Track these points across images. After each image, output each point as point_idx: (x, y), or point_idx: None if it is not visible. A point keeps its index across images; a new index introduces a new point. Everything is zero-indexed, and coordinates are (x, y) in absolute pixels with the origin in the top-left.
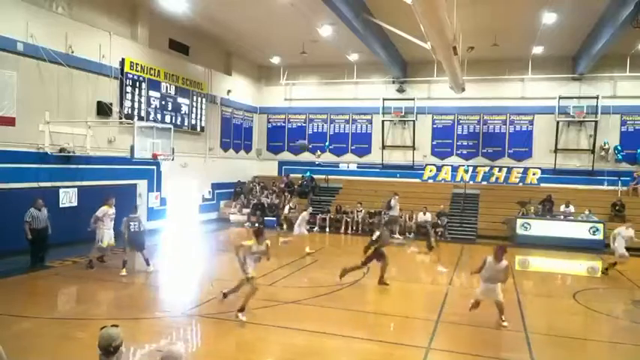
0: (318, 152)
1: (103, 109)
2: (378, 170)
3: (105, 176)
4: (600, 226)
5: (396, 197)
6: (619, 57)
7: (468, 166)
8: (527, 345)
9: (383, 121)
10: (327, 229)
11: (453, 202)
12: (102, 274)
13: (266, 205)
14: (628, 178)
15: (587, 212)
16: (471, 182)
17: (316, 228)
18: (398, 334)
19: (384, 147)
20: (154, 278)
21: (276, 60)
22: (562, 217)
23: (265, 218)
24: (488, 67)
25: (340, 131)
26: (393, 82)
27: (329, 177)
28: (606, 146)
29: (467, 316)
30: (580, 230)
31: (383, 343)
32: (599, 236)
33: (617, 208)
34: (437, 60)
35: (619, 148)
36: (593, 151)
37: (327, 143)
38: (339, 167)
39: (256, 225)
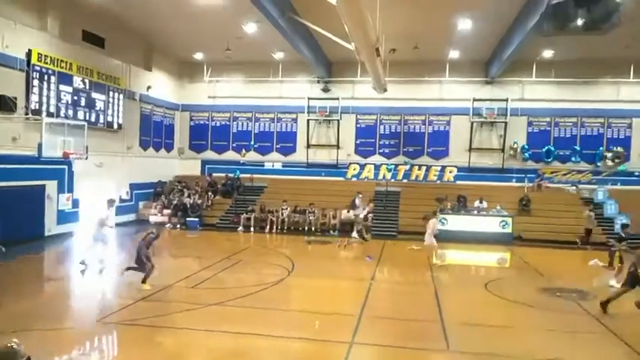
0: (243, 151)
1: (5, 104)
2: (303, 169)
3: (8, 177)
4: (509, 220)
5: (360, 196)
6: (527, 63)
7: (389, 164)
8: (443, 334)
9: (308, 120)
10: (252, 229)
11: (375, 200)
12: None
13: (188, 206)
14: (533, 176)
15: (498, 207)
16: (393, 180)
17: (240, 228)
18: (323, 331)
19: (309, 146)
20: (64, 286)
21: (199, 56)
22: (476, 212)
23: (187, 219)
24: (409, 69)
25: (265, 130)
26: (318, 82)
27: (254, 176)
28: (515, 146)
29: (389, 309)
30: (492, 224)
31: (308, 340)
32: (509, 229)
33: (524, 203)
34: (360, 61)
35: (526, 147)
36: (503, 150)
37: (252, 142)
38: (264, 166)
39: (177, 226)
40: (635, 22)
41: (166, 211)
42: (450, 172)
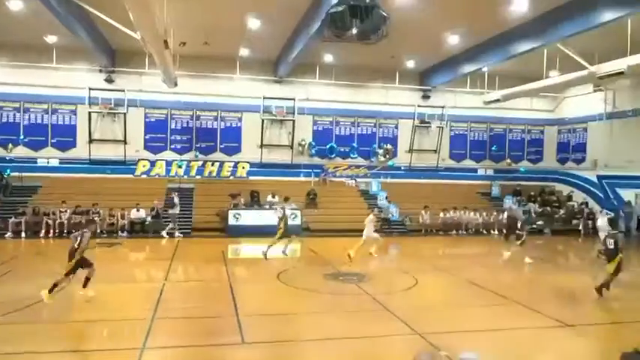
0: (10, 146)
1: None
2: (85, 166)
3: None
4: (298, 212)
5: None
6: (311, 65)
7: (181, 160)
8: (238, 328)
9: (90, 113)
10: (24, 234)
11: (168, 197)
12: None
13: None
14: (319, 171)
15: (288, 201)
16: (186, 177)
17: (9, 234)
18: (112, 339)
19: (91, 140)
20: None
21: None
22: (268, 206)
23: None
24: (201, 64)
25: (38, 122)
26: (100, 71)
27: (24, 175)
28: (303, 142)
29: (183, 309)
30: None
31: (94, 352)
32: (298, 221)
33: (311, 196)
34: (148, 52)
35: (313, 144)
36: (292, 147)
37: (21, 136)
38: (37, 163)
39: None
40: (398, 36)
41: None
42: (243, 167)
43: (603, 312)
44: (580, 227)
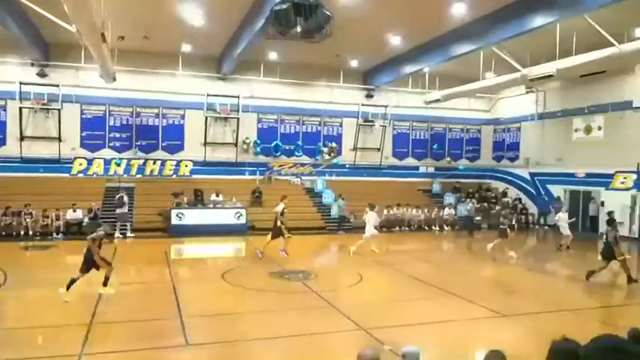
0: None
1: None
2: (16, 164)
3: None
4: (243, 211)
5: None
6: (255, 62)
7: (120, 158)
8: (182, 329)
9: (21, 108)
10: None
11: (106, 197)
12: None
13: None
14: (264, 169)
15: (233, 199)
16: (126, 175)
17: None
18: (47, 347)
19: (22, 138)
20: None
21: None
22: (212, 205)
23: None
24: (141, 59)
25: None
26: (32, 65)
27: None
28: (248, 140)
29: (124, 312)
30: (227, 216)
31: None
32: (243, 220)
33: (256, 194)
34: (84, 45)
35: (258, 142)
36: (236, 145)
37: None
38: None
39: None
40: (342, 36)
41: None
42: (186, 166)
43: (535, 302)
44: (514, 222)
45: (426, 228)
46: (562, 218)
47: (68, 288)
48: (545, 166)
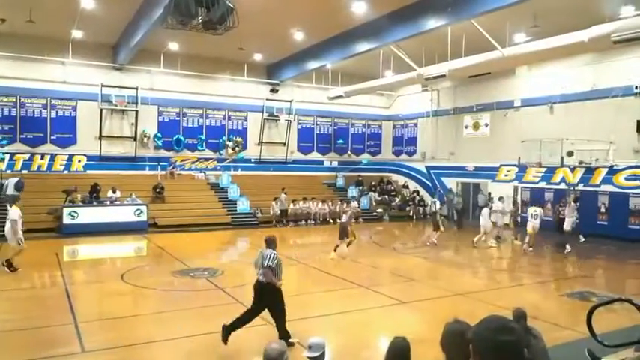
0: None
1: None
2: None
3: None
4: (144, 208)
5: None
6: (155, 52)
7: (3, 153)
8: (77, 335)
9: None
10: None
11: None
12: None
13: None
14: (166, 164)
15: (132, 196)
16: (9, 172)
17: None
18: None
19: None
20: None
21: None
22: (109, 202)
23: None
24: (26, 45)
25: None
26: None
27: None
28: (147, 134)
29: (10, 322)
30: (126, 214)
31: None
32: (144, 217)
33: (157, 190)
34: None
35: (159, 136)
36: (135, 139)
37: None
38: None
39: None
40: (245, 29)
41: None
42: (79, 161)
43: (430, 289)
44: (411, 213)
45: (331, 221)
46: (484, 214)
47: None
48: (439, 160)
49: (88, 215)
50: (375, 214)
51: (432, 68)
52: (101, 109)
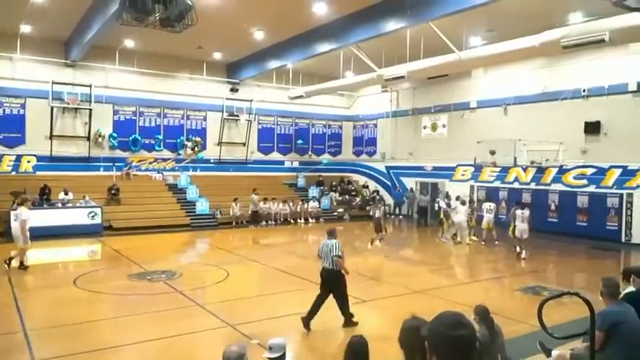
0: None
1: None
2: None
3: None
4: (98, 210)
5: None
6: (110, 49)
7: None
8: (27, 344)
9: None
10: None
11: None
12: None
13: None
14: (122, 164)
15: (86, 198)
16: None
17: None
18: None
19: None
20: None
21: None
22: (60, 204)
23: None
24: None
25: None
26: None
27: None
28: (102, 134)
29: None
30: (79, 216)
31: None
32: (98, 220)
33: (112, 192)
34: None
35: (114, 135)
36: (89, 139)
37: None
38: None
39: None
40: (204, 27)
41: None
42: (29, 161)
43: (391, 287)
44: (372, 213)
45: (292, 221)
46: (460, 210)
47: None
48: (399, 160)
49: (37, 218)
50: (335, 214)
51: (391, 69)
52: (52, 108)
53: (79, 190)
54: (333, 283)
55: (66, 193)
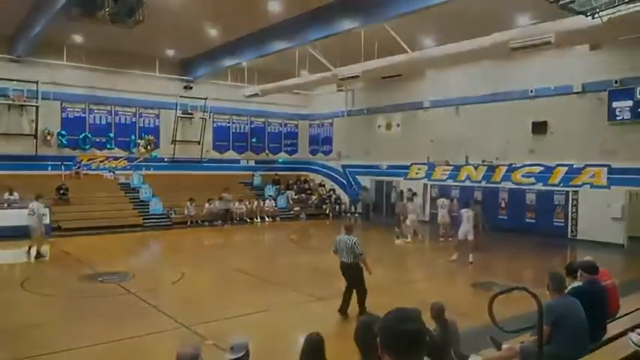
0: None
1: None
2: None
3: None
4: (46, 210)
5: None
6: (57, 45)
7: None
8: None
9: None
10: None
11: None
12: None
13: None
14: (71, 163)
15: (33, 198)
16: None
17: None
18: None
19: None
20: None
21: None
22: (6, 205)
23: None
24: None
25: None
26: None
27: None
28: (50, 132)
29: None
30: (26, 217)
31: None
32: (46, 221)
33: (61, 191)
34: None
35: (63, 133)
36: (36, 137)
37: None
38: None
39: None
40: (156, 23)
41: None
42: None
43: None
44: (328, 211)
45: (248, 220)
46: (414, 209)
47: None
48: (354, 159)
49: None
50: (291, 212)
51: (346, 69)
52: None
53: (26, 189)
54: (351, 276)
55: (11, 193)
